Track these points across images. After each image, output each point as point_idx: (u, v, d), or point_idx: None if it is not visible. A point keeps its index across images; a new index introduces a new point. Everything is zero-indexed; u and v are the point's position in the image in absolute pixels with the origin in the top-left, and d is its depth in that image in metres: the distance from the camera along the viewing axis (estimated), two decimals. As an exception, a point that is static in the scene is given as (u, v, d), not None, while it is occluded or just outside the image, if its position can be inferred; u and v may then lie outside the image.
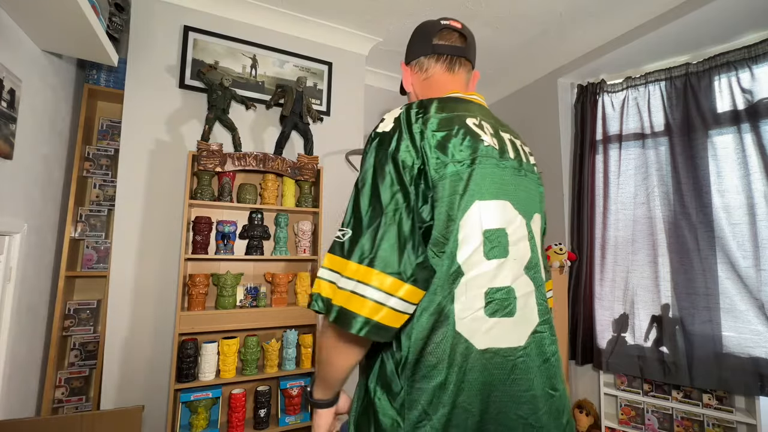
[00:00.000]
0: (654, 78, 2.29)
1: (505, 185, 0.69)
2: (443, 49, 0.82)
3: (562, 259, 2.40)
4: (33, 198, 1.64)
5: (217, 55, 2.12)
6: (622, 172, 2.38)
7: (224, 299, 1.89)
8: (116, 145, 2.08)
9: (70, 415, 1.45)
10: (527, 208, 0.72)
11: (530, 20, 2.24)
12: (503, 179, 0.69)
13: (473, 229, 0.65)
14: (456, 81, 0.82)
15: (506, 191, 0.69)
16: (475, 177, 0.66)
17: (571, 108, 2.68)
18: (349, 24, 2.37)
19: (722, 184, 2.02)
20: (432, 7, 2.12)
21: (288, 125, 2.09)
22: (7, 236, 1.46)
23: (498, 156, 0.70)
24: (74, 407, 1.91)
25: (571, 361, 2.45)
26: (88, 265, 2.02)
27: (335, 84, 2.43)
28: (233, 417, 1.84)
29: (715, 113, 2.06)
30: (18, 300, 1.51)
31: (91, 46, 1.55)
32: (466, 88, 0.84)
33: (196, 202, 1.86)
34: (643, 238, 2.26)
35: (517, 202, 0.70)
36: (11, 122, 1.37)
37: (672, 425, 2.09)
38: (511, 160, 0.72)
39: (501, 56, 2.67)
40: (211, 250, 1.95)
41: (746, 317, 1.89)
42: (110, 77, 2.06)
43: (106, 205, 2.08)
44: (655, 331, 2.16)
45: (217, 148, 1.89)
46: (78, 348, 1.96)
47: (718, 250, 1.98)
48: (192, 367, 1.79)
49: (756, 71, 1.94)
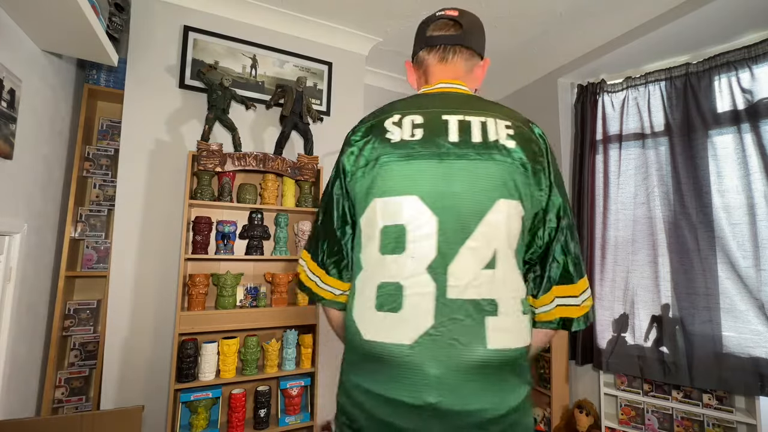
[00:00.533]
0: (654, 78, 2.29)
1: (412, 178, 0.66)
2: (435, 40, 0.79)
3: (562, 259, 2.40)
4: (33, 198, 1.64)
5: (217, 55, 2.12)
6: (622, 172, 2.38)
7: (224, 299, 1.89)
8: (116, 145, 2.08)
9: (70, 415, 1.45)
10: (473, 199, 0.65)
11: (530, 20, 2.24)
12: (417, 171, 0.66)
13: (373, 227, 0.69)
14: (448, 70, 0.78)
15: (412, 185, 0.66)
16: (377, 177, 0.68)
17: (571, 108, 2.68)
18: (349, 24, 2.37)
19: (722, 184, 2.02)
20: (432, 6, 2.12)
21: (288, 125, 2.09)
22: (7, 236, 1.46)
23: (413, 149, 0.67)
24: (74, 407, 1.91)
25: (571, 361, 2.45)
26: (88, 265, 2.02)
27: (335, 84, 2.43)
28: (233, 417, 1.84)
29: (715, 113, 2.06)
30: (18, 300, 1.51)
31: (91, 46, 1.55)
32: (464, 76, 0.79)
33: (196, 202, 1.86)
34: (643, 238, 2.26)
35: (432, 194, 0.65)
36: (11, 122, 1.38)
37: (672, 425, 2.09)
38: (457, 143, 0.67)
39: (501, 56, 2.67)
40: (211, 250, 1.95)
41: (746, 317, 1.89)
42: (110, 77, 2.06)
43: (106, 205, 2.08)
44: (655, 331, 2.16)
45: (217, 148, 1.89)
46: (78, 348, 1.96)
47: (718, 250, 1.98)
48: (192, 367, 1.79)
49: (756, 71, 1.94)
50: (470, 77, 0.80)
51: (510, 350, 0.64)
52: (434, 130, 0.68)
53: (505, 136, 0.68)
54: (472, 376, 0.62)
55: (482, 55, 0.81)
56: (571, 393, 2.45)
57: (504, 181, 0.66)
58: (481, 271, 0.64)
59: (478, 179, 0.65)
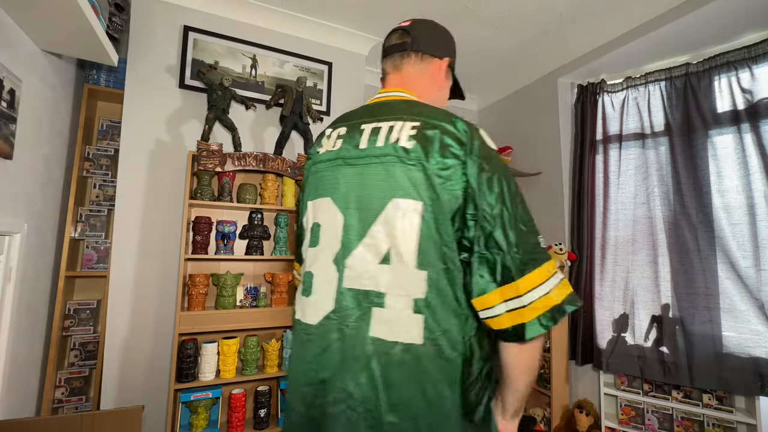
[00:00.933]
0: (654, 78, 2.29)
1: (330, 183, 0.76)
2: (389, 51, 0.86)
3: (562, 259, 2.40)
4: (33, 198, 1.64)
5: (217, 55, 2.12)
6: (622, 172, 2.38)
7: (224, 299, 1.89)
8: (116, 145, 2.09)
9: (70, 415, 1.45)
10: (365, 201, 0.70)
11: (530, 20, 2.24)
12: (334, 177, 0.76)
13: (307, 225, 0.82)
14: (399, 77, 0.84)
15: (329, 189, 0.76)
16: (309, 183, 0.84)
17: (571, 108, 2.68)
18: (349, 24, 2.37)
19: (722, 184, 2.01)
20: (432, 6, 2.12)
21: (288, 125, 2.09)
22: (7, 236, 1.46)
23: (336, 156, 0.77)
24: (74, 407, 1.91)
25: (571, 361, 2.45)
26: (88, 265, 2.02)
27: (335, 84, 2.43)
28: (233, 417, 1.84)
29: (715, 113, 2.06)
30: (18, 300, 1.51)
31: (91, 46, 1.55)
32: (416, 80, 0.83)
33: (196, 202, 1.86)
34: (643, 238, 2.26)
35: (340, 197, 0.74)
36: (11, 122, 1.37)
37: (672, 425, 2.09)
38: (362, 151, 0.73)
39: (501, 56, 2.67)
40: (211, 250, 1.95)
41: (746, 317, 1.89)
42: (110, 77, 2.06)
43: (106, 205, 2.08)
44: (655, 331, 2.16)
45: (217, 148, 1.89)
46: (78, 348, 1.96)
47: (718, 250, 1.98)
48: (192, 367, 1.79)
49: (756, 71, 1.94)
50: (424, 80, 0.84)
51: (389, 342, 0.65)
52: (350, 140, 0.76)
53: (406, 138, 0.70)
54: (353, 361, 0.67)
55: (440, 55, 0.85)
56: (571, 393, 2.45)
57: (399, 181, 0.68)
58: (376, 266, 0.68)
59: (377, 181, 0.70)
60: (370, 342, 0.66)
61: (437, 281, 0.66)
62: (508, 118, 3.12)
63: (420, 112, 0.74)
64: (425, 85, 0.84)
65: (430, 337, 0.64)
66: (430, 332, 0.64)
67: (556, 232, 2.60)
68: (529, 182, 2.87)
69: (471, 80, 3.06)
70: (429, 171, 0.67)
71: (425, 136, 0.69)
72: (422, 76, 0.84)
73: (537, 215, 2.68)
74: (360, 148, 0.73)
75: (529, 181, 2.87)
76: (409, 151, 0.68)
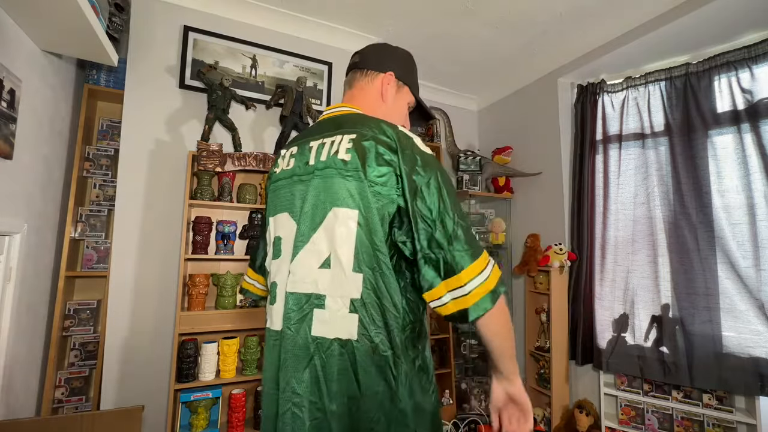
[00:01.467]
0: (654, 78, 2.29)
1: (288, 199, 0.83)
2: (347, 71, 0.97)
3: (562, 259, 2.40)
4: (33, 198, 1.64)
5: (217, 55, 2.12)
6: (622, 172, 2.38)
7: (224, 299, 1.89)
8: (116, 145, 2.08)
9: (70, 415, 1.45)
10: (313, 210, 0.76)
11: (530, 20, 2.24)
12: (290, 193, 0.83)
13: (270, 239, 0.88)
14: (347, 95, 0.94)
15: (287, 204, 0.83)
16: (269, 201, 0.90)
17: (571, 108, 2.68)
18: (349, 24, 2.37)
19: (722, 184, 2.02)
20: (431, 7, 2.12)
21: (288, 125, 2.09)
22: (7, 236, 1.46)
23: (291, 174, 0.84)
24: (74, 407, 1.91)
25: (571, 361, 2.45)
26: (88, 265, 2.02)
27: (335, 84, 2.43)
28: (233, 417, 1.84)
29: (715, 113, 2.06)
30: (18, 300, 1.51)
31: (91, 46, 1.55)
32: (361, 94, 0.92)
33: (196, 202, 1.86)
34: (643, 238, 2.26)
35: (295, 210, 0.81)
36: (11, 122, 1.37)
37: (672, 425, 2.09)
38: (309, 167, 0.80)
39: (501, 56, 2.67)
40: (211, 250, 1.95)
41: (746, 317, 1.89)
42: (110, 77, 2.06)
43: (106, 205, 2.08)
44: (655, 331, 2.16)
45: (217, 148, 1.89)
46: (78, 348, 1.95)
47: (718, 250, 1.98)
48: (192, 367, 1.79)
49: (756, 71, 1.94)
50: (370, 94, 0.92)
51: (329, 339, 0.71)
52: (301, 158, 0.83)
53: (344, 150, 0.75)
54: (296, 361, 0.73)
55: (383, 70, 0.92)
56: (571, 393, 2.45)
57: (338, 191, 0.74)
58: (316, 270, 0.74)
59: (320, 193, 0.76)
60: (312, 341, 0.72)
61: (372, 282, 0.72)
62: (508, 118, 3.12)
63: (357, 124, 0.79)
64: (372, 99, 0.91)
65: (364, 333, 0.71)
66: (364, 329, 0.71)
67: (556, 232, 2.60)
68: (529, 182, 2.87)
69: (471, 80, 3.06)
70: (365, 180, 0.72)
71: (362, 147, 0.74)
72: (369, 90, 0.92)
73: (537, 215, 2.68)
74: (309, 164, 0.80)
75: (529, 181, 2.87)
76: (347, 163, 0.74)
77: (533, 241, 2.65)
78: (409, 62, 0.98)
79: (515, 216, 3.02)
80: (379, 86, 0.92)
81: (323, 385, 0.70)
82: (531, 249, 2.63)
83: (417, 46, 2.57)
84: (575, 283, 2.45)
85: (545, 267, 2.45)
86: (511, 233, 3.01)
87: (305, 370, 0.72)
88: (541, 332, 2.55)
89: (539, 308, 2.55)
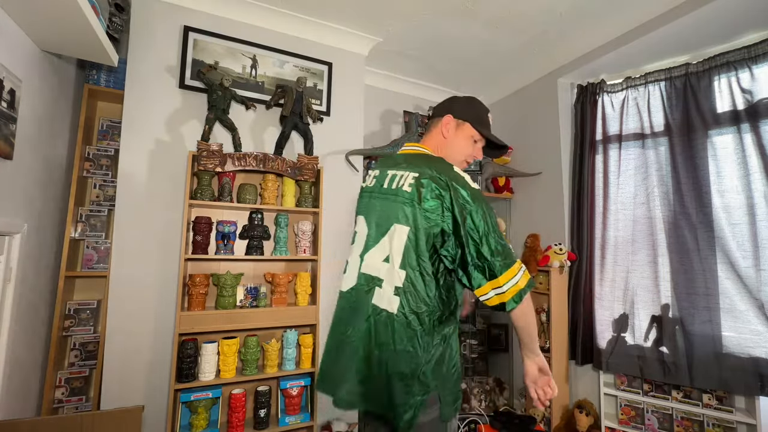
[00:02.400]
0: (654, 78, 2.30)
1: (367, 207, 1.15)
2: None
3: (562, 259, 2.40)
4: (33, 198, 1.64)
5: (217, 55, 2.12)
6: (622, 172, 2.39)
7: (224, 299, 1.89)
8: (116, 145, 2.09)
9: (70, 415, 1.45)
10: (380, 221, 1.08)
11: (530, 20, 2.25)
12: (369, 203, 1.15)
13: (353, 230, 1.21)
14: (425, 137, 1.25)
15: (366, 210, 1.15)
16: (357, 204, 1.23)
17: (571, 108, 2.68)
18: (349, 24, 2.37)
19: (722, 184, 2.02)
20: (432, 7, 2.12)
21: (288, 125, 2.09)
22: (7, 236, 1.46)
23: (371, 190, 1.16)
24: (74, 407, 1.91)
25: (571, 361, 2.45)
26: (88, 265, 2.02)
27: (335, 84, 2.43)
28: (233, 417, 1.84)
29: (714, 113, 2.06)
30: (18, 300, 1.51)
31: (91, 46, 1.55)
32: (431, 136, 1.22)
33: (196, 202, 1.86)
34: (643, 238, 2.26)
35: (369, 217, 1.12)
36: (11, 122, 1.38)
37: (672, 425, 2.09)
38: (383, 189, 1.11)
39: (501, 56, 2.67)
40: (211, 250, 1.95)
41: (746, 317, 1.89)
42: (110, 77, 2.06)
43: (106, 205, 2.08)
44: (655, 331, 2.16)
45: (217, 148, 1.89)
46: (78, 348, 1.96)
47: (718, 250, 1.98)
48: (192, 367, 1.79)
49: (756, 71, 1.94)
50: (435, 134, 1.21)
51: (380, 308, 1.01)
52: (379, 180, 1.15)
53: (408, 185, 1.05)
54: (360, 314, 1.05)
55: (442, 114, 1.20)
56: (571, 393, 2.45)
57: (398, 212, 1.04)
58: (380, 262, 1.05)
59: (386, 210, 1.08)
60: (371, 306, 1.03)
61: (411, 278, 1.00)
62: (508, 118, 3.12)
63: (422, 164, 1.07)
64: (437, 139, 1.20)
65: (401, 311, 0.99)
66: (402, 308, 0.99)
67: (556, 232, 2.60)
68: (529, 182, 2.87)
69: (471, 80, 3.06)
70: (418, 207, 1.01)
71: (420, 183, 1.03)
72: (435, 132, 1.21)
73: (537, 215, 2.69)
74: (384, 187, 1.12)
75: (529, 181, 2.87)
76: (408, 194, 1.04)
77: (533, 241, 2.65)
78: (468, 103, 1.23)
79: (515, 216, 3.02)
80: (441, 128, 1.19)
81: (372, 336, 1.00)
82: (531, 249, 2.63)
83: (417, 46, 2.57)
84: (575, 283, 2.45)
85: (545, 267, 2.45)
86: (511, 233, 3.01)
87: (364, 322, 1.03)
88: (540, 332, 2.55)
89: (539, 308, 2.55)
